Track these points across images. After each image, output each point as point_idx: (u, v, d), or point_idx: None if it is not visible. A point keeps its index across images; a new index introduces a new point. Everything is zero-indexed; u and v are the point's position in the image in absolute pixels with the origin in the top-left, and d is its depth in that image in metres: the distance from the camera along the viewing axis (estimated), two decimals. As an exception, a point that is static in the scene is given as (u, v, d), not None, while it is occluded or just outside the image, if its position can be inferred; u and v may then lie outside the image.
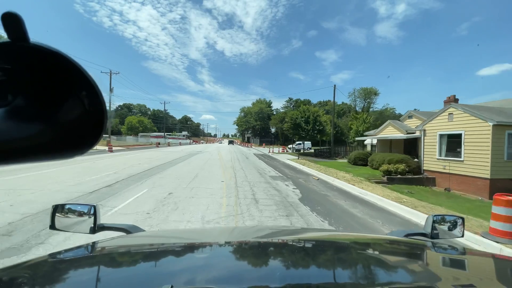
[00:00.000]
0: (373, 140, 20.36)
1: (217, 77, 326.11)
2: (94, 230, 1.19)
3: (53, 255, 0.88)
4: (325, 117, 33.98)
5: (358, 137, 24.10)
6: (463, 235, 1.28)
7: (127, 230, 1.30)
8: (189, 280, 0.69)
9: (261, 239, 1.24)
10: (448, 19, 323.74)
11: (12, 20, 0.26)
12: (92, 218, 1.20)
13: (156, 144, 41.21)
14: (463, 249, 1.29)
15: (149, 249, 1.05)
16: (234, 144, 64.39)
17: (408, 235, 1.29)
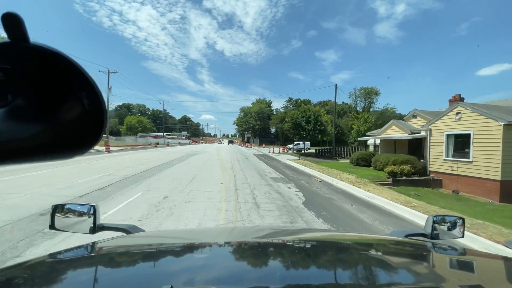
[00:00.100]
0: (376, 140, 19.91)
1: (216, 77, 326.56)
2: (93, 230, 1.18)
3: (53, 255, 0.87)
4: (326, 116, 33.61)
5: (360, 137, 23.63)
6: (463, 236, 1.27)
7: (127, 230, 1.30)
8: (188, 280, 0.68)
9: (261, 239, 1.23)
10: (448, 19, 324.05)
11: (12, 20, 0.27)
12: (92, 218, 1.19)
13: (155, 144, 40.66)
14: (463, 249, 1.32)
15: (149, 249, 1.05)
16: (233, 144, 64.08)
17: (408, 235, 1.28)
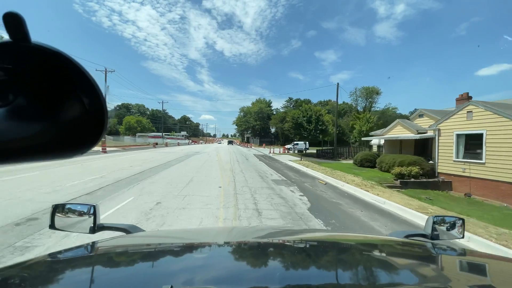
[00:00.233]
0: (380, 141, 19.33)
1: (216, 77, 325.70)
2: (93, 230, 1.17)
3: (53, 254, 0.87)
4: (327, 116, 33.00)
5: (363, 137, 23.02)
6: (463, 236, 1.27)
7: (127, 230, 1.28)
8: (188, 280, 0.68)
9: (260, 239, 1.21)
10: (447, 20, 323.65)
11: (13, 20, 0.26)
12: (92, 218, 1.18)
13: (154, 144, 40.00)
14: (463, 250, 1.43)
15: (148, 249, 1.04)
16: (233, 144, 63.48)
17: (408, 236, 1.26)
